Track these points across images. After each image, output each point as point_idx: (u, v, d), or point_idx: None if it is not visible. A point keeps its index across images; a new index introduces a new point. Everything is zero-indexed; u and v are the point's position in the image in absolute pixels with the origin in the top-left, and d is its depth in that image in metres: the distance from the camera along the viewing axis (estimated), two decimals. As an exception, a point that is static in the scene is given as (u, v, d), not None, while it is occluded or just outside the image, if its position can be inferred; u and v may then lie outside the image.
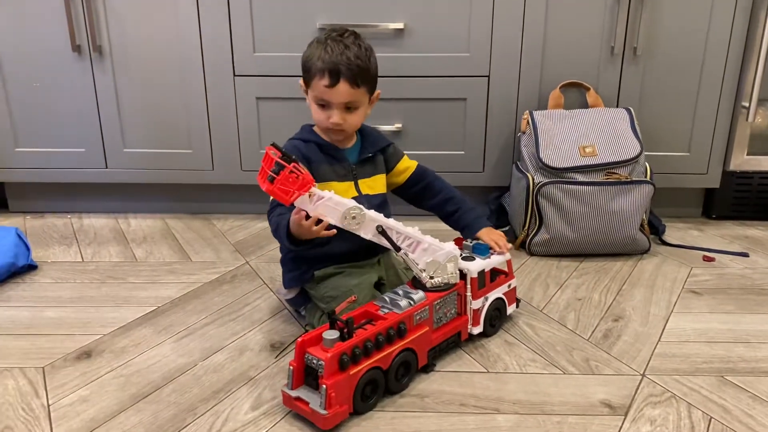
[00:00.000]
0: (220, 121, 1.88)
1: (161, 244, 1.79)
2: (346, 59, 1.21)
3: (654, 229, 1.80)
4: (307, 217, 1.11)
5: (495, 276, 1.31)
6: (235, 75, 1.83)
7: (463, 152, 1.89)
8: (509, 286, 1.34)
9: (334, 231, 1.14)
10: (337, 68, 1.21)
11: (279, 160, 1.05)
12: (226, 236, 1.85)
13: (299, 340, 1.05)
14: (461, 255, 1.26)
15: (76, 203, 2.04)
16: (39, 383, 1.16)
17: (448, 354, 1.24)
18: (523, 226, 1.72)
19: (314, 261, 1.30)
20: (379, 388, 1.09)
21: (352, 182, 1.31)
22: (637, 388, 1.14)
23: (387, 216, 1.28)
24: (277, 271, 1.38)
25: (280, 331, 1.33)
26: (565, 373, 1.19)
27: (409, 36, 1.78)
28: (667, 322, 1.38)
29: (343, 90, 1.22)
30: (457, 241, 1.31)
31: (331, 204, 1.10)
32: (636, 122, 1.74)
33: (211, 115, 1.88)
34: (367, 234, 1.15)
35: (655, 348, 1.28)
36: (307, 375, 1.05)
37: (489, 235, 1.33)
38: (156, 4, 1.78)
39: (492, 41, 1.78)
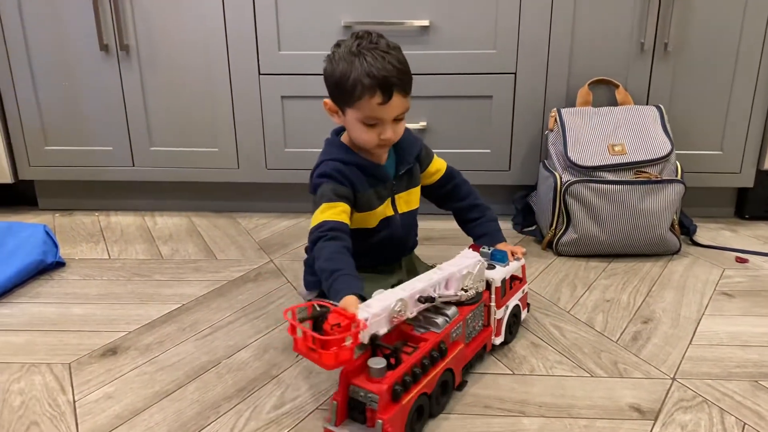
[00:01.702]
0: (246, 119, 1.89)
1: (187, 242, 1.80)
2: (393, 68, 1.11)
3: (685, 229, 1.76)
4: None
5: (512, 283, 1.27)
6: (260, 74, 1.84)
7: (489, 150, 1.87)
8: (523, 291, 1.31)
9: None
10: (388, 82, 1.10)
11: (314, 335, 0.91)
12: (250, 234, 1.86)
13: (342, 372, 0.96)
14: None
15: (103, 201, 2.06)
16: (65, 379, 1.17)
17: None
18: (550, 226, 1.69)
19: None
20: (425, 413, 1.02)
21: (389, 199, 1.26)
22: (668, 393, 1.12)
23: (412, 233, 1.27)
24: (301, 269, 1.38)
25: (304, 330, 1.33)
26: (592, 376, 1.17)
27: (434, 33, 1.77)
28: (698, 324, 1.34)
29: (397, 103, 1.13)
30: (473, 249, 1.27)
31: (378, 320, 0.97)
32: (667, 120, 1.71)
33: (237, 114, 1.88)
34: (413, 312, 1.04)
35: (685, 351, 1.25)
36: (351, 408, 0.98)
37: (505, 248, 1.30)
38: (182, 3, 1.79)
39: (519, 38, 1.75)
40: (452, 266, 1.11)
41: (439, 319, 1.08)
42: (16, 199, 2.12)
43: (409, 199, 1.31)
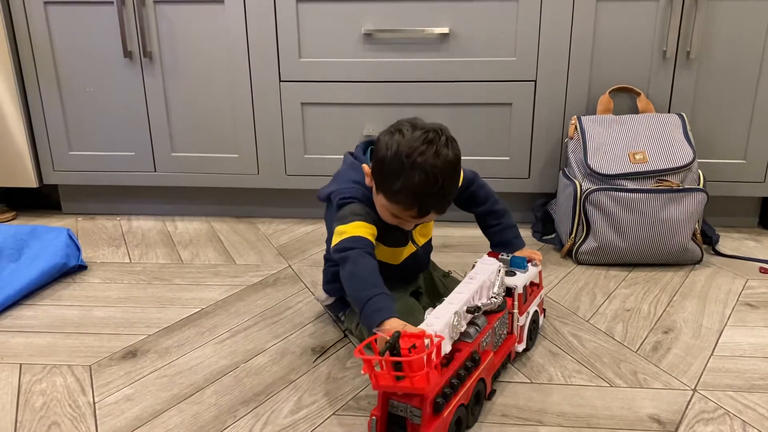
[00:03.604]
0: (266, 126, 1.90)
1: (206, 247, 1.82)
2: (440, 194, 1.08)
3: (707, 238, 1.74)
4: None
5: (531, 289, 1.27)
6: (281, 80, 1.85)
7: (508, 158, 1.86)
8: (541, 297, 1.30)
9: None
10: (428, 205, 1.10)
11: (402, 359, 0.88)
12: (269, 240, 1.87)
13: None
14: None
15: (125, 206, 2.09)
16: (86, 381, 1.18)
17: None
18: (570, 234, 1.68)
19: None
20: (462, 425, 1.01)
21: (409, 233, 1.27)
22: (688, 404, 1.10)
23: (429, 258, 1.27)
24: (319, 275, 1.38)
25: (321, 335, 1.33)
26: (611, 386, 1.15)
27: (454, 40, 1.77)
28: (720, 335, 1.33)
29: (430, 217, 1.14)
30: (492, 256, 1.27)
31: (446, 339, 0.98)
32: (689, 128, 1.69)
33: (257, 120, 1.90)
34: (464, 324, 1.04)
35: (707, 362, 1.23)
36: (390, 424, 0.97)
37: (523, 254, 1.29)
38: (205, 11, 1.82)
39: (539, 45, 1.75)
40: (481, 274, 1.11)
41: (471, 329, 1.06)
42: (41, 203, 2.15)
43: (425, 232, 1.32)
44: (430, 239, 1.36)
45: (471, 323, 1.08)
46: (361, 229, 1.14)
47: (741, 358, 1.24)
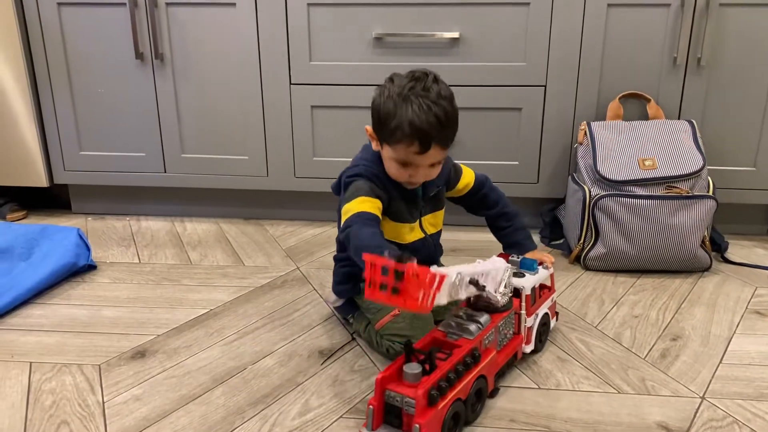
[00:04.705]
0: (276, 128, 1.91)
1: (215, 248, 1.82)
2: (436, 122, 1.10)
3: (716, 246, 1.74)
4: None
5: (541, 291, 1.28)
6: (291, 83, 1.86)
7: (517, 163, 1.86)
8: (552, 300, 1.30)
9: None
10: (428, 135, 1.10)
11: (397, 267, 0.91)
12: (278, 242, 1.87)
13: (378, 377, 0.98)
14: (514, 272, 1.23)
15: (135, 206, 2.10)
16: (95, 380, 1.19)
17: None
18: (579, 240, 1.68)
19: None
20: (461, 420, 1.03)
21: (418, 221, 1.28)
22: (696, 412, 1.10)
23: (439, 252, 1.28)
24: (327, 278, 1.38)
25: (329, 338, 1.33)
26: (619, 393, 1.15)
27: (464, 45, 1.77)
28: (729, 343, 1.32)
29: (434, 153, 1.14)
30: (502, 257, 1.27)
31: (445, 288, 0.97)
32: (699, 135, 1.69)
33: (267, 123, 1.90)
34: (464, 293, 1.03)
35: (716, 370, 1.22)
36: (387, 413, 0.99)
37: (534, 255, 1.30)
38: (216, 13, 1.83)
39: (549, 50, 1.75)
40: (489, 265, 1.11)
41: (472, 326, 1.08)
42: (51, 203, 2.17)
43: (435, 222, 1.32)
44: (440, 232, 1.35)
45: (473, 320, 1.09)
46: (364, 204, 1.15)
47: (750, 366, 1.23)
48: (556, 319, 1.34)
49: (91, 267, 1.67)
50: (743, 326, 1.39)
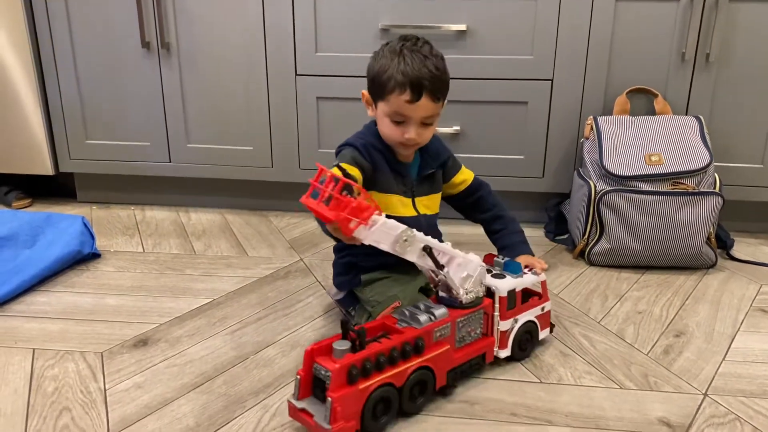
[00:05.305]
0: (281, 119, 1.90)
1: (219, 238, 1.83)
2: (427, 72, 1.13)
3: (721, 243, 1.73)
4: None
5: (527, 297, 1.23)
6: (296, 74, 1.85)
7: (522, 157, 1.86)
8: (543, 309, 1.24)
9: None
10: (419, 82, 1.13)
11: (348, 181, 0.94)
12: (282, 233, 1.87)
13: (308, 348, 0.98)
14: (492, 272, 1.20)
15: (139, 195, 2.10)
16: (97, 368, 1.19)
17: (500, 363, 1.21)
18: (583, 235, 1.67)
19: (367, 269, 1.29)
20: (392, 407, 1.01)
21: (411, 200, 1.28)
22: (699, 408, 1.09)
23: (435, 236, 1.27)
24: (330, 269, 1.38)
25: (331, 329, 1.33)
26: (621, 388, 1.15)
27: (471, 38, 1.77)
28: (732, 340, 1.31)
29: (425, 105, 1.15)
30: (488, 258, 1.25)
31: (385, 229, 1.00)
32: (706, 131, 1.67)
33: (272, 114, 1.90)
34: (413, 256, 1.05)
35: (719, 367, 1.22)
36: (314, 386, 0.99)
37: (527, 260, 1.29)
38: (223, 3, 1.82)
39: (557, 44, 1.74)
40: (461, 254, 1.10)
41: (423, 317, 1.07)
42: (56, 191, 2.17)
43: (430, 204, 1.32)
44: (436, 215, 1.33)
45: (427, 312, 1.08)
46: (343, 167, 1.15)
47: (753, 364, 1.23)
48: (550, 331, 1.29)
49: (95, 255, 1.68)
50: (747, 323, 1.38)
